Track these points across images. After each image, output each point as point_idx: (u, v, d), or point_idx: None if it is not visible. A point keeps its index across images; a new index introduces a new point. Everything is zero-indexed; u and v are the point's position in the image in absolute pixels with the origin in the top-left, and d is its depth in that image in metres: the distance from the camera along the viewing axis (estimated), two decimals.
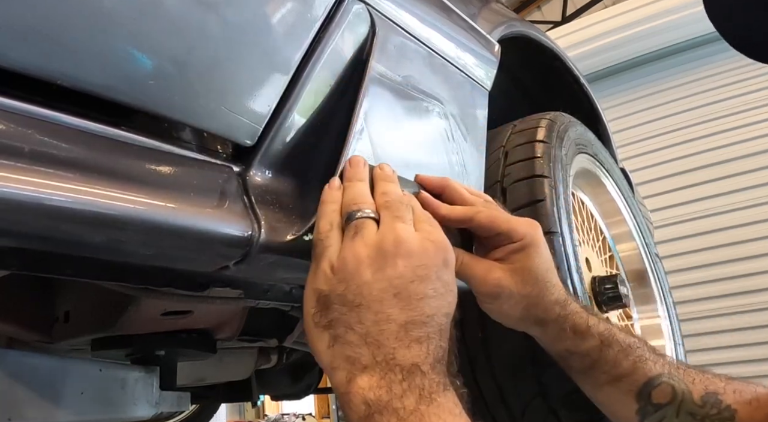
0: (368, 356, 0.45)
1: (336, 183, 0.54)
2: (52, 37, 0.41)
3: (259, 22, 0.54)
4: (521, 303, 0.64)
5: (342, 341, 0.46)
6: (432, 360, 0.45)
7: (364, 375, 0.44)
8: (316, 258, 0.50)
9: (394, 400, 0.42)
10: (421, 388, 0.43)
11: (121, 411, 0.99)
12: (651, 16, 4.09)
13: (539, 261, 0.63)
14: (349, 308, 0.46)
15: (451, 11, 0.82)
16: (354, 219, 0.50)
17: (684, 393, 0.64)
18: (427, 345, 0.46)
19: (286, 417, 8.67)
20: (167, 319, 0.89)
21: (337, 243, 0.50)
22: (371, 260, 0.47)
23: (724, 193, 3.78)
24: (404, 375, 0.43)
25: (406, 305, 0.46)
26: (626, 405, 0.66)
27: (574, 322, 0.65)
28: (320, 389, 1.79)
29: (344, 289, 0.47)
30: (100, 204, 0.42)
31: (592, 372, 0.67)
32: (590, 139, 1.21)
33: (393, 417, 0.41)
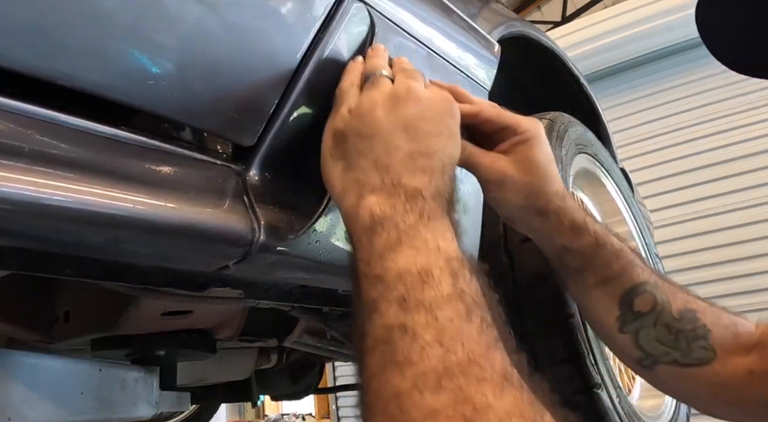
0: (377, 179, 0.50)
1: (360, 58, 0.61)
2: (52, 37, 0.41)
3: (258, 21, 0.54)
4: (523, 192, 0.67)
5: (354, 166, 0.51)
6: (433, 190, 0.49)
7: (372, 195, 0.49)
8: (335, 106, 0.56)
9: (396, 216, 0.46)
10: (421, 210, 0.47)
11: (121, 411, 0.99)
12: (651, 16, 4.09)
13: (540, 152, 0.67)
14: (362, 140, 0.52)
15: (451, 11, 0.82)
16: (372, 77, 0.56)
17: (664, 304, 0.66)
18: (430, 176, 0.50)
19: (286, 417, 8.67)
20: (167, 319, 0.89)
21: (356, 95, 0.55)
22: (385, 103, 0.53)
23: (724, 193, 3.78)
24: (407, 197, 0.48)
25: (413, 138, 0.51)
26: (608, 310, 0.69)
27: (572, 216, 0.68)
28: (320, 389, 1.79)
29: (359, 125, 0.52)
30: (100, 204, 0.42)
31: (583, 273, 0.70)
32: (590, 139, 1.21)
33: (393, 230, 0.46)
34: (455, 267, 0.44)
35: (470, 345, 0.38)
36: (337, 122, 0.54)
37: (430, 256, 0.44)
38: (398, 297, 0.42)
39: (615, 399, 0.84)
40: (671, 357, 0.65)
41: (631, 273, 0.68)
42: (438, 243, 0.45)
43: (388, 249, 0.45)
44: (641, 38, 4.15)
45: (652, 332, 0.66)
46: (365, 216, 0.47)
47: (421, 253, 0.44)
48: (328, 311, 0.99)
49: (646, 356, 0.67)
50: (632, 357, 0.68)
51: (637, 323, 0.67)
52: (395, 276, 0.43)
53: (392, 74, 0.57)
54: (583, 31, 4.34)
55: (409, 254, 0.44)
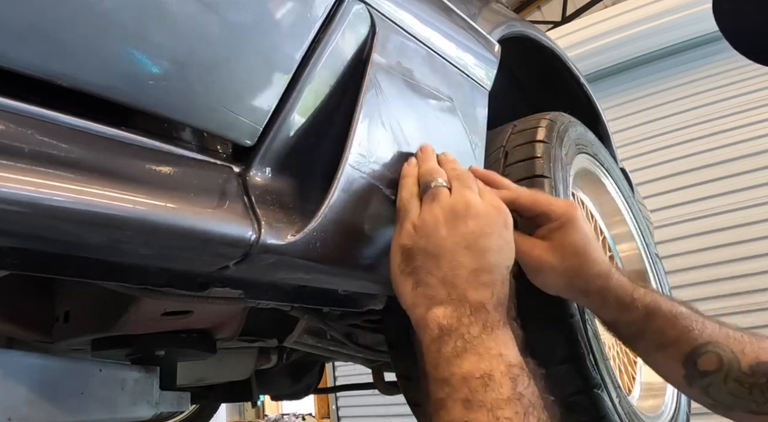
0: (444, 294, 0.54)
1: (413, 161, 0.65)
2: (52, 37, 0.41)
3: (259, 21, 0.54)
4: (563, 276, 0.69)
5: (423, 284, 0.56)
6: (495, 302, 0.54)
7: (440, 308, 0.54)
8: (400, 221, 0.60)
9: (461, 327, 0.51)
10: (485, 321, 0.52)
11: (121, 411, 0.99)
12: (651, 16, 4.09)
13: (577, 237, 0.69)
14: (429, 258, 0.56)
15: (451, 11, 0.82)
16: (430, 188, 0.60)
17: (731, 362, 0.67)
18: (492, 289, 0.55)
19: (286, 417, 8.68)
20: (167, 319, 0.89)
21: (416, 207, 0.60)
22: (446, 220, 0.57)
23: (724, 193, 3.78)
24: (472, 310, 0.53)
25: (475, 255, 0.56)
26: (674, 370, 0.70)
27: (617, 295, 0.69)
28: (320, 389, 1.79)
29: (425, 243, 0.57)
30: (100, 204, 0.42)
31: (639, 340, 0.71)
32: (590, 139, 1.21)
33: (459, 340, 0.50)
34: (515, 373, 0.49)
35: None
36: (404, 239, 0.58)
37: (492, 362, 0.49)
38: (463, 398, 0.47)
39: (615, 399, 0.84)
40: (748, 408, 0.66)
41: (689, 337, 0.68)
42: (500, 351, 0.50)
43: (454, 356, 0.50)
44: (641, 38, 4.16)
45: (724, 387, 0.66)
46: (434, 327, 0.52)
47: (484, 360, 0.49)
48: (328, 311, 0.99)
49: (719, 404, 0.68)
50: (706, 403, 0.69)
51: (705, 380, 0.67)
52: (460, 379, 0.48)
53: (447, 182, 0.61)
54: (583, 31, 4.34)
55: (474, 360, 0.49)
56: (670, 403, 1.16)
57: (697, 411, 0.98)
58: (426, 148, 0.67)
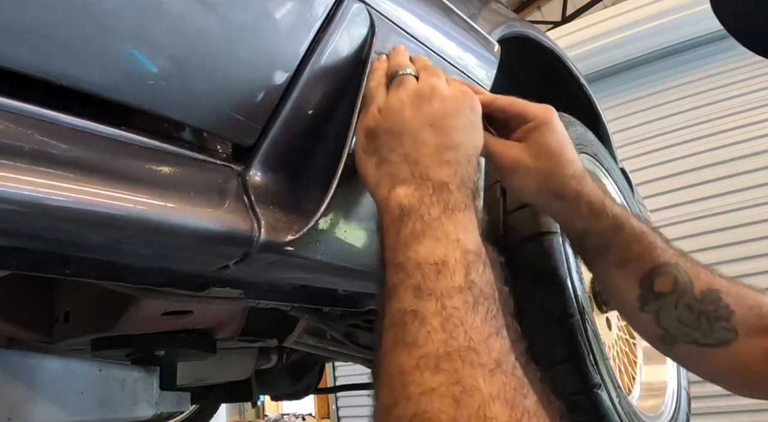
0: (407, 171, 0.53)
1: (383, 57, 0.64)
2: (52, 37, 0.41)
3: (259, 22, 0.54)
4: (538, 178, 0.68)
5: (386, 161, 0.55)
6: (458, 181, 0.53)
7: (402, 186, 0.52)
8: (365, 106, 0.59)
9: (422, 208, 0.50)
10: (446, 202, 0.50)
11: (121, 411, 0.99)
12: (651, 16, 4.08)
13: (553, 137, 0.68)
14: (392, 136, 0.55)
15: (451, 11, 0.82)
16: (398, 76, 0.59)
17: (686, 285, 0.67)
18: (456, 168, 0.54)
19: (286, 417, 8.67)
20: (167, 319, 0.89)
21: (383, 94, 0.59)
22: (411, 101, 0.57)
23: (725, 193, 3.78)
24: (435, 189, 0.51)
25: (439, 132, 0.55)
26: (630, 289, 0.69)
27: (589, 200, 0.69)
28: (320, 389, 1.79)
29: (389, 123, 0.56)
30: (100, 204, 0.42)
31: (603, 254, 0.70)
32: (590, 139, 1.21)
33: (419, 222, 0.49)
34: (470, 260, 0.47)
35: (471, 333, 0.42)
36: (368, 121, 0.57)
37: (448, 247, 0.47)
38: (414, 284, 0.45)
39: (615, 399, 0.84)
40: (691, 337, 0.66)
41: (652, 254, 0.68)
42: (458, 235, 0.48)
43: (412, 239, 0.48)
44: (641, 38, 4.15)
45: (673, 312, 0.66)
46: (395, 208, 0.51)
47: (440, 244, 0.47)
48: (328, 311, 0.99)
49: (666, 334, 0.67)
50: (653, 334, 0.69)
51: (657, 303, 0.67)
52: (414, 264, 0.47)
53: (416, 72, 0.60)
54: (583, 31, 4.34)
55: (430, 245, 0.47)
56: (670, 403, 1.16)
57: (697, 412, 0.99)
58: (398, 46, 0.66)
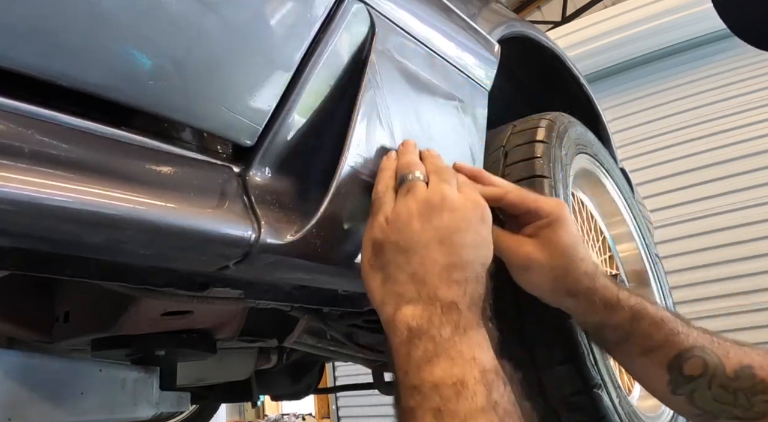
0: (414, 291, 0.52)
1: (393, 154, 0.63)
2: (52, 37, 0.41)
3: (259, 22, 0.54)
4: (551, 275, 0.68)
5: (392, 279, 0.53)
6: (468, 301, 0.51)
7: (409, 307, 0.51)
8: (373, 213, 0.58)
9: (432, 329, 0.48)
10: (457, 322, 0.49)
11: (121, 411, 0.99)
12: (651, 16, 4.09)
13: (565, 235, 0.67)
14: (400, 252, 0.54)
15: (451, 11, 0.82)
16: (407, 181, 0.58)
17: (716, 367, 0.66)
18: (465, 287, 0.52)
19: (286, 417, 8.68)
20: (167, 319, 0.89)
21: (391, 201, 0.58)
22: (420, 213, 0.55)
23: (724, 193, 3.78)
24: (443, 309, 0.50)
25: (448, 251, 0.53)
26: (658, 376, 0.68)
27: (603, 295, 0.68)
28: (320, 389, 1.79)
29: (396, 237, 0.54)
30: (100, 204, 0.42)
31: (624, 345, 0.70)
32: (590, 139, 1.21)
33: (430, 343, 0.47)
34: (489, 379, 0.46)
35: None
36: (375, 232, 0.56)
37: (465, 367, 0.46)
38: (434, 407, 0.44)
39: (615, 399, 0.84)
40: (732, 414, 0.65)
41: (675, 340, 0.67)
42: (474, 354, 0.47)
43: (425, 361, 0.47)
44: (641, 38, 4.16)
45: (708, 393, 0.66)
46: (403, 328, 0.50)
47: (456, 365, 0.46)
48: (328, 311, 0.99)
49: (704, 412, 0.67)
50: (690, 413, 0.68)
51: (690, 386, 0.66)
52: (431, 387, 0.45)
53: (425, 175, 0.59)
54: (583, 31, 4.34)
55: (446, 366, 0.46)
56: None
57: None
58: (407, 142, 0.65)
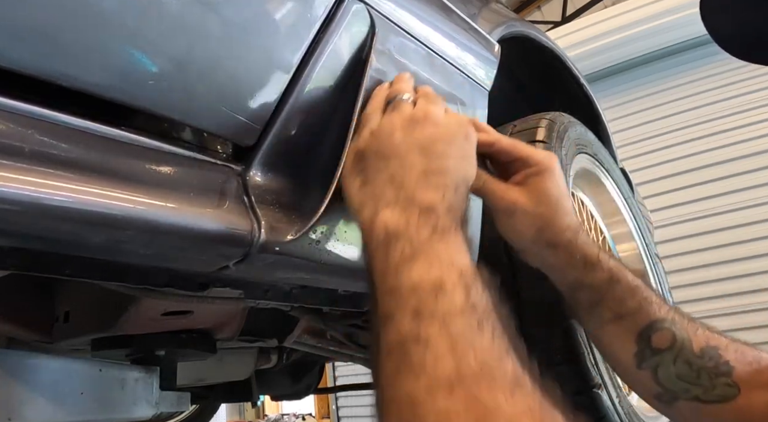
0: (392, 194, 0.51)
1: (386, 84, 0.63)
2: (52, 37, 0.41)
3: (259, 21, 0.54)
4: (534, 223, 0.67)
5: (370, 182, 0.53)
6: (446, 205, 0.51)
7: (387, 209, 0.50)
8: (359, 129, 0.58)
9: (410, 230, 0.48)
10: (435, 225, 0.48)
11: (121, 411, 0.99)
12: (651, 16, 4.09)
13: (553, 186, 0.67)
14: (380, 158, 0.54)
15: (451, 11, 0.82)
16: (394, 101, 0.59)
17: (684, 342, 0.65)
18: (444, 192, 0.52)
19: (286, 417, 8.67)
20: (167, 319, 0.89)
21: (378, 118, 0.58)
22: (403, 126, 0.55)
23: (725, 193, 3.79)
24: (421, 211, 0.49)
25: (428, 157, 0.54)
26: (626, 346, 0.67)
27: (584, 252, 0.68)
28: (320, 389, 1.79)
29: (378, 145, 0.55)
30: (100, 204, 0.42)
31: (597, 308, 0.69)
32: (590, 139, 1.21)
33: (407, 245, 0.47)
34: (468, 281, 0.45)
35: (482, 355, 0.40)
36: (359, 143, 0.57)
37: (443, 270, 0.45)
38: (412, 308, 0.43)
39: (615, 399, 0.84)
40: (692, 394, 0.64)
41: (648, 309, 0.67)
42: (451, 257, 0.46)
43: (402, 262, 0.46)
44: (641, 38, 4.16)
45: (672, 368, 0.65)
46: (380, 231, 0.49)
47: (434, 267, 0.45)
48: (328, 311, 0.99)
49: (665, 391, 0.66)
50: (651, 392, 0.67)
51: (655, 359, 0.65)
52: (409, 288, 0.44)
53: (415, 98, 0.59)
54: (583, 31, 4.34)
55: (423, 267, 0.45)
56: None
57: None
58: (402, 74, 0.65)
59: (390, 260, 0.47)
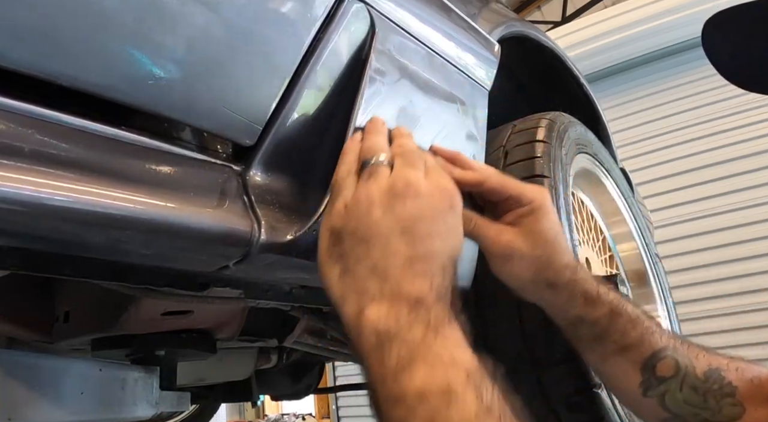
0: (376, 287, 0.47)
1: (357, 136, 0.58)
2: (52, 37, 0.41)
3: (259, 21, 0.54)
4: (532, 266, 0.65)
5: (351, 273, 0.49)
6: (435, 296, 0.47)
7: (372, 306, 0.47)
8: (332, 199, 0.53)
9: (402, 331, 0.44)
10: (427, 321, 0.45)
11: (121, 411, 0.99)
12: (651, 16, 4.09)
13: (548, 224, 0.65)
14: (359, 242, 0.49)
15: (451, 11, 0.82)
16: (369, 165, 0.53)
17: (687, 368, 0.65)
18: (431, 281, 0.48)
19: (286, 417, 8.67)
20: (167, 319, 0.89)
21: (352, 186, 0.53)
22: (382, 200, 0.50)
23: (724, 193, 3.78)
24: (410, 306, 0.46)
25: (411, 241, 0.49)
26: (630, 377, 0.67)
27: (584, 288, 0.67)
28: (320, 389, 1.79)
29: (356, 225, 0.50)
30: (100, 204, 0.42)
31: (600, 342, 0.68)
32: (590, 139, 1.21)
33: (402, 347, 0.44)
34: (476, 381, 0.43)
35: None
36: (333, 220, 0.52)
37: (447, 372, 0.43)
38: (425, 418, 0.41)
39: (615, 399, 0.84)
40: (701, 417, 0.64)
41: (650, 339, 0.66)
42: (453, 356, 0.44)
43: (401, 368, 0.43)
44: (641, 38, 4.15)
45: (679, 395, 0.65)
46: (370, 332, 0.46)
47: (437, 370, 0.43)
48: (328, 311, 0.99)
49: (674, 416, 0.66)
50: (659, 417, 0.67)
51: (661, 387, 0.65)
52: (416, 397, 0.42)
53: (391, 158, 0.54)
54: (583, 31, 4.34)
55: (425, 371, 0.43)
56: None
57: None
58: (374, 120, 0.59)
59: (386, 365, 0.44)
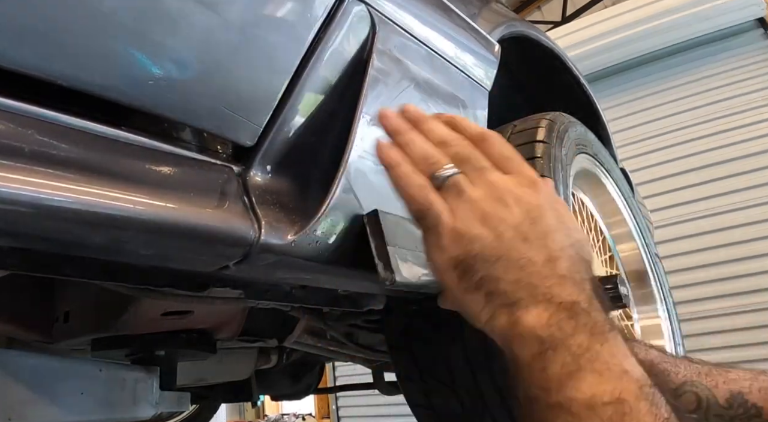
0: (528, 298, 0.45)
1: (385, 143, 0.53)
2: (52, 37, 0.41)
3: (259, 22, 0.54)
4: None
5: (497, 294, 0.46)
6: (586, 296, 0.45)
7: (529, 314, 0.44)
8: (430, 228, 0.50)
9: (566, 339, 0.43)
10: (590, 327, 0.43)
11: (121, 411, 0.99)
12: (651, 16, 4.09)
13: None
14: (490, 264, 0.47)
15: (451, 11, 0.82)
16: (444, 180, 0.50)
17: (709, 399, 0.66)
18: (574, 278, 0.46)
19: (286, 417, 8.67)
20: (167, 319, 0.89)
21: (443, 207, 0.49)
22: (484, 217, 0.48)
23: (724, 193, 3.78)
24: (568, 312, 0.44)
25: (537, 245, 0.47)
26: None
27: None
28: (320, 389, 1.79)
29: (479, 248, 0.47)
30: (101, 204, 0.42)
31: None
32: (590, 139, 1.21)
33: (567, 355, 0.42)
34: (647, 392, 0.41)
35: None
36: (451, 251, 0.48)
37: (617, 383, 0.41)
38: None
39: None
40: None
41: (666, 380, 0.66)
42: (621, 365, 0.42)
43: (566, 375, 0.42)
44: (641, 38, 4.15)
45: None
46: (531, 341, 0.44)
47: (606, 380, 0.41)
48: (328, 311, 0.99)
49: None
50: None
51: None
52: (584, 407, 0.40)
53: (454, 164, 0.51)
54: (583, 31, 4.34)
55: (594, 381, 0.41)
56: None
57: None
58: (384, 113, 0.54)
59: (551, 373, 0.42)
